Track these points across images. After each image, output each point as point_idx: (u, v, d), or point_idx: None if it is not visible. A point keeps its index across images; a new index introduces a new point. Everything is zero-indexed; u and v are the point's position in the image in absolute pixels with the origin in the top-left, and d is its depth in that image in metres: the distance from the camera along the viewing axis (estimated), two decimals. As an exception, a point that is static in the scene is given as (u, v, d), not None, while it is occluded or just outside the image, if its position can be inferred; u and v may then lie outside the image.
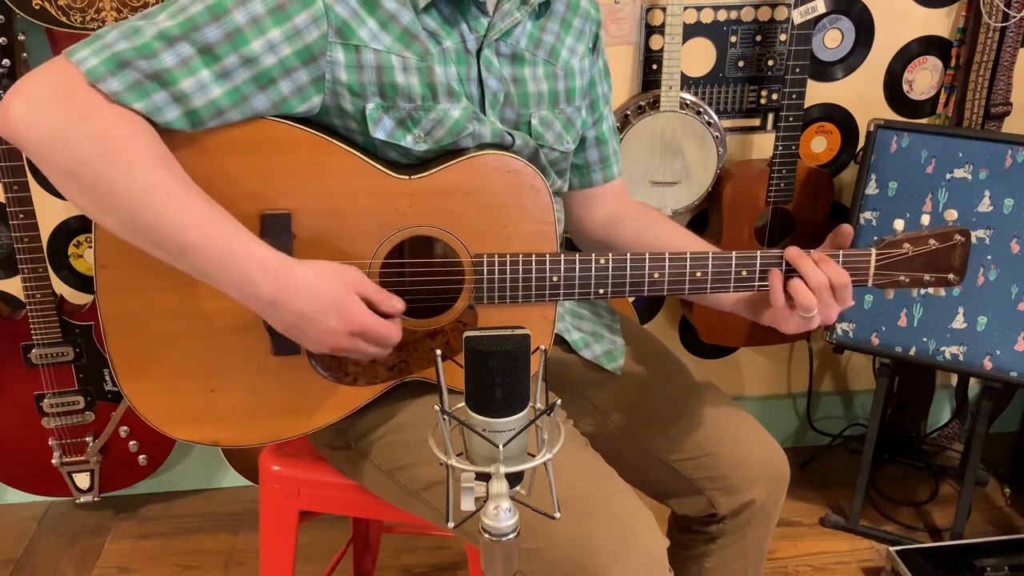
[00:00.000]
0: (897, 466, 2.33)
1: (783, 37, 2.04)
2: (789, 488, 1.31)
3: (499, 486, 0.76)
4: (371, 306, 1.04)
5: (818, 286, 1.09)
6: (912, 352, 1.92)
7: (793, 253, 1.11)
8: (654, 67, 2.01)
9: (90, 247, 1.06)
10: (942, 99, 2.13)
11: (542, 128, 1.19)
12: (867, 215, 1.93)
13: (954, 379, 2.36)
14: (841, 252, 1.12)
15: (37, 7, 1.66)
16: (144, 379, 1.10)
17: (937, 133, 1.88)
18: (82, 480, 2.02)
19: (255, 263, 0.99)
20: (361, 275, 1.04)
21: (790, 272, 1.12)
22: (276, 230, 1.06)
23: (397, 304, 1.06)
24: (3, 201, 1.84)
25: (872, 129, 1.92)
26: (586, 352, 1.29)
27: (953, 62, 2.09)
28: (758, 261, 1.12)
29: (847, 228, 1.13)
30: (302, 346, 1.09)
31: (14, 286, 2.01)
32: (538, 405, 0.79)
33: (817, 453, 2.38)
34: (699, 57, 2.03)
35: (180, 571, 2.01)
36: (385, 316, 1.05)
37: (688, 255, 1.12)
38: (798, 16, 1.84)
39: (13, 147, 1.50)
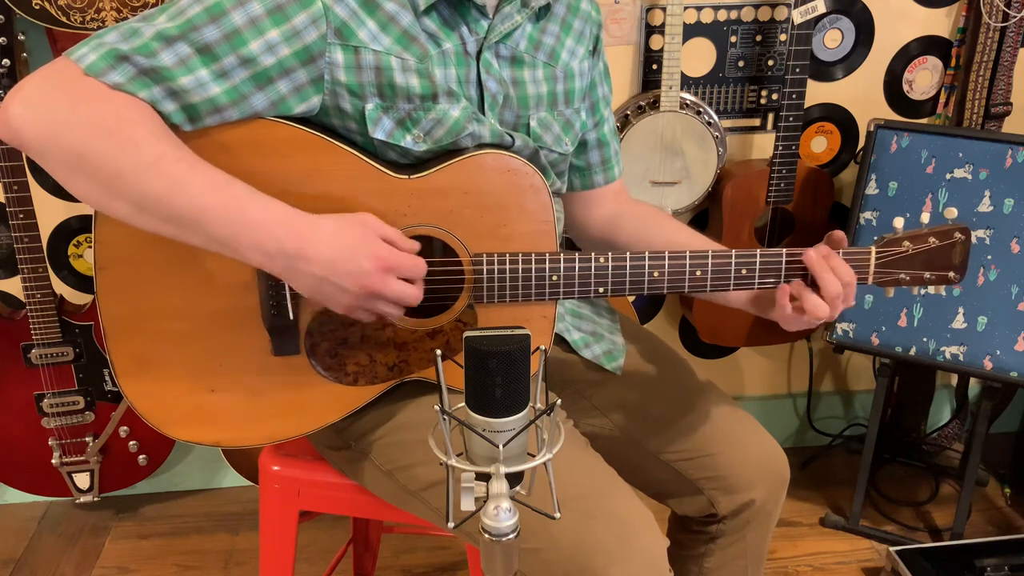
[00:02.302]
0: (897, 466, 2.33)
1: (783, 37, 2.04)
2: (789, 488, 1.31)
3: (499, 486, 0.76)
4: (389, 241, 1.04)
5: (832, 294, 1.09)
6: (912, 352, 1.92)
7: (812, 259, 1.10)
8: (654, 67, 2.01)
9: (90, 247, 1.06)
10: (942, 99, 2.13)
11: (540, 130, 1.19)
12: (867, 215, 1.92)
13: (954, 379, 2.36)
14: (841, 251, 1.12)
15: (37, 7, 1.66)
16: (144, 380, 1.10)
17: (937, 133, 1.87)
18: (82, 480, 2.02)
19: (275, 218, 0.98)
20: (374, 217, 1.04)
21: (792, 272, 1.12)
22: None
23: (413, 243, 1.06)
24: (3, 201, 1.84)
25: (872, 129, 1.92)
26: (586, 352, 1.29)
27: (953, 62, 2.09)
28: (758, 260, 1.12)
29: (840, 234, 1.13)
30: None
31: (14, 286, 2.01)
32: (538, 405, 0.79)
33: (817, 453, 2.38)
34: (699, 57, 2.03)
35: (180, 571, 2.01)
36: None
37: (687, 254, 1.12)
38: (798, 16, 1.84)
39: (13, 147, 1.51)
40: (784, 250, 1.12)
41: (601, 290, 1.13)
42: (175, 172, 0.96)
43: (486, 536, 0.76)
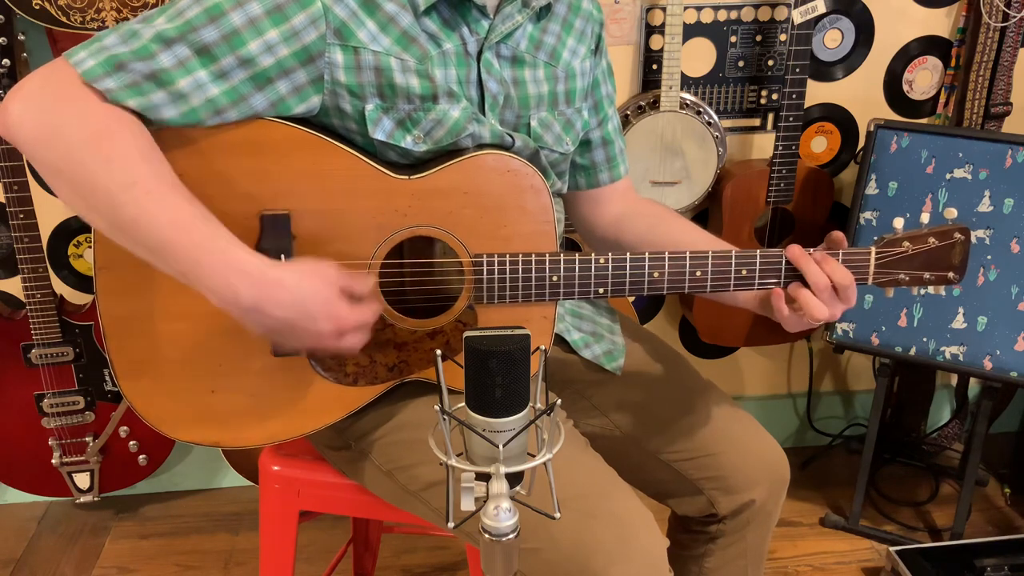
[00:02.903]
0: (897, 466, 2.33)
1: (783, 37, 2.04)
2: (789, 488, 1.31)
3: (499, 486, 0.76)
4: (348, 293, 1.03)
5: (820, 286, 1.09)
6: (912, 352, 1.92)
7: (795, 252, 1.10)
8: (654, 67, 2.01)
9: (90, 247, 1.06)
10: (942, 99, 2.13)
11: (541, 130, 1.19)
12: (867, 215, 1.92)
13: (954, 379, 2.36)
14: (840, 251, 1.12)
15: (37, 7, 1.66)
16: (144, 380, 1.10)
17: (937, 133, 1.87)
18: (82, 480, 2.02)
19: (234, 267, 0.97)
20: (335, 268, 1.02)
21: (791, 273, 1.12)
22: (275, 230, 1.06)
23: (369, 281, 1.05)
24: (3, 201, 1.84)
25: (872, 129, 1.92)
26: (586, 352, 1.29)
27: (953, 62, 2.09)
28: (758, 260, 1.12)
29: (839, 235, 1.13)
30: (285, 346, 1.08)
31: (14, 286, 2.01)
32: (538, 405, 0.79)
33: (817, 453, 2.38)
34: (699, 57, 2.03)
35: (180, 571, 2.01)
36: (359, 298, 1.04)
37: (687, 254, 1.12)
38: (798, 16, 1.84)
39: (13, 147, 1.51)
40: (784, 250, 1.12)
41: (601, 291, 1.13)
42: (144, 202, 0.96)
43: (486, 536, 0.76)
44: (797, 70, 1.89)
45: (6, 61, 1.72)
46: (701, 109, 1.96)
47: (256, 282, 0.97)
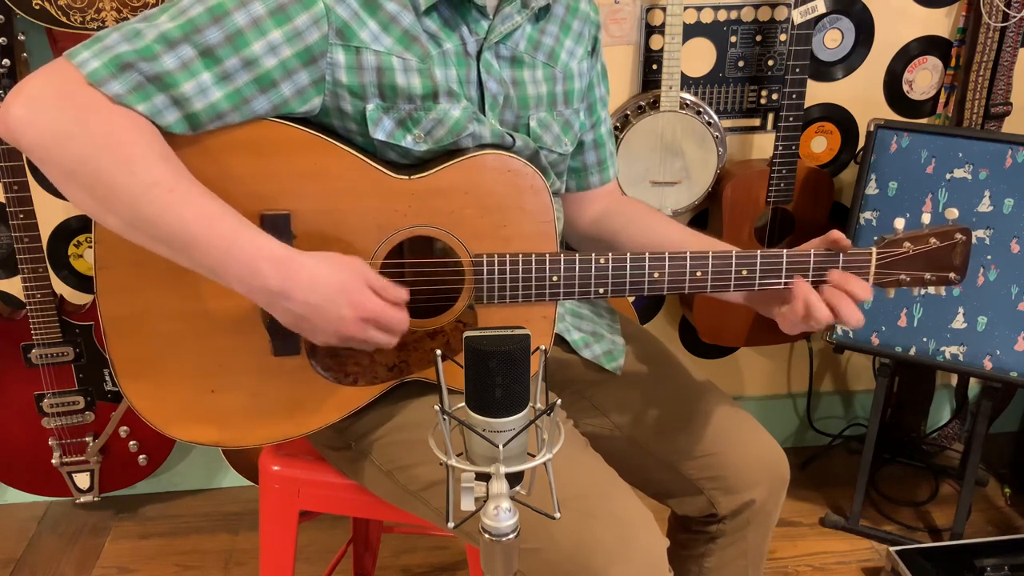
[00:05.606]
0: (897, 466, 2.33)
1: (783, 37, 2.04)
2: (789, 488, 1.31)
3: (499, 486, 0.76)
4: (377, 295, 1.04)
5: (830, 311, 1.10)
6: (912, 352, 1.92)
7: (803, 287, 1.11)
8: (654, 67, 2.01)
9: (90, 247, 1.06)
10: (942, 99, 2.13)
11: (540, 130, 1.19)
12: (867, 215, 1.93)
13: (954, 379, 2.37)
14: (841, 254, 1.12)
15: (37, 7, 1.66)
16: (144, 380, 1.10)
17: (937, 133, 1.88)
18: (82, 480, 2.02)
19: (262, 255, 0.98)
20: (365, 264, 1.04)
21: (794, 269, 1.12)
22: (275, 230, 1.06)
23: (402, 293, 1.06)
24: (3, 201, 1.84)
25: (872, 129, 1.92)
26: (586, 352, 1.29)
27: (953, 62, 2.09)
28: (758, 261, 1.12)
29: (839, 235, 1.13)
30: (308, 341, 1.09)
31: (14, 286, 2.01)
32: (538, 405, 0.80)
33: (817, 453, 2.38)
34: (699, 57, 2.03)
35: (180, 571, 2.01)
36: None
37: (688, 255, 1.12)
38: (798, 16, 1.85)
39: (13, 147, 1.51)
40: (784, 251, 1.12)
41: (601, 291, 1.13)
42: (168, 200, 0.96)
43: (486, 536, 0.76)
44: (797, 70, 1.89)
45: (6, 61, 1.72)
46: (701, 109, 1.96)
47: (283, 267, 0.98)
